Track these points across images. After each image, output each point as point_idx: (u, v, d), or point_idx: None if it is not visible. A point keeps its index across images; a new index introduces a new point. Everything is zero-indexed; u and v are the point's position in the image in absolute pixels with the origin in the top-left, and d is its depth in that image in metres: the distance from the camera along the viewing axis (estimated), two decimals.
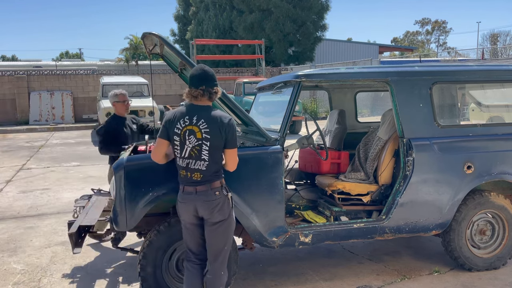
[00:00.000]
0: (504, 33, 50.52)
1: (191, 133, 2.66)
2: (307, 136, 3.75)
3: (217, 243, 2.81)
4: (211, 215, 2.74)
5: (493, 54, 22.36)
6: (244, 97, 14.28)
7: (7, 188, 7.52)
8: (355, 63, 19.38)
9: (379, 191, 3.87)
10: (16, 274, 4.02)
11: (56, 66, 28.73)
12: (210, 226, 2.77)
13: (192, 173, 2.70)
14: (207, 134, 2.66)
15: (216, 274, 2.84)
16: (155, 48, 3.81)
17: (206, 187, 2.71)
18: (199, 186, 2.71)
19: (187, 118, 2.68)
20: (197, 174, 2.70)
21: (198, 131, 2.65)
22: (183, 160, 2.71)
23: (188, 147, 2.67)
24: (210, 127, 2.66)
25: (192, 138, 2.66)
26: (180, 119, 2.69)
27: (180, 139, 2.68)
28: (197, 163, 2.68)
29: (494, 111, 6.22)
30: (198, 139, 2.66)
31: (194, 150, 2.67)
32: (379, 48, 35.28)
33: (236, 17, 25.39)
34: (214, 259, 2.84)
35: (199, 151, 2.67)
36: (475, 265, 3.84)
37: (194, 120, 2.67)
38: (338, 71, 3.74)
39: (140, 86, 15.31)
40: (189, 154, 2.68)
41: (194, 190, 2.72)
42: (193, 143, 2.66)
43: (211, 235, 2.79)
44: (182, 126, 2.67)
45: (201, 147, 2.66)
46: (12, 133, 16.47)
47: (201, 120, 2.67)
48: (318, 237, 3.51)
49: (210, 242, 2.82)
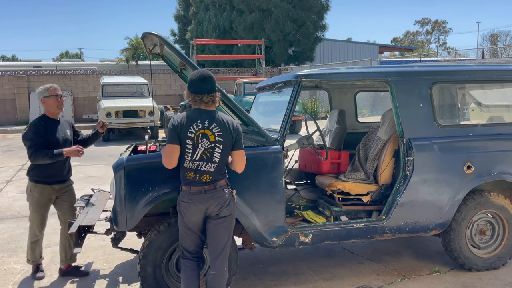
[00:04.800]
0: (504, 33, 50.57)
1: (204, 137, 2.74)
2: (307, 136, 3.75)
3: (222, 238, 2.87)
4: (220, 211, 2.81)
5: (493, 54, 22.35)
6: (244, 97, 14.27)
7: (7, 188, 7.52)
8: (355, 63, 19.38)
9: (379, 191, 3.87)
10: (16, 274, 4.02)
11: (56, 66, 28.76)
12: (215, 220, 2.83)
13: (201, 175, 2.77)
14: (220, 137, 2.75)
15: (220, 270, 2.89)
16: (155, 48, 3.82)
17: (214, 185, 2.80)
18: (207, 186, 2.79)
19: (200, 122, 2.74)
20: (207, 176, 2.78)
21: (211, 134, 2.74)
22: (193, 162, 2.76)
23: (200, 150, 2.74)
24: (223, 130, 2.76)
25: (205, 141, 2.74)
26: (192, 123, 2.74)
27: (193, 142, 2.74)
28: (208, 165, 2.76)
29: (494, 111, 6.21)
30: (211, 142, 2.75)
31: (206, 152, 2.75)
32: (379, 48, 35.28)
33: (236, 17, 25.39)
34: (218, 255, 2.89)
35: (211, 153, 2.75)
36: (475, 265, 3.84)
37: (206, 124, 2.75)
38: (338, 71, 3.73)
39: (140, 86, 15.31)
40: (200, 156, 2.75)
41: (201, 189, 2.78)
42: (206, 146, 2.74)
43: (216, 230, 2.84)
44: (196, 130, 2.73)
45: (214, 150, 2.75)
46: (12, 133, 16.48)
47: (213, 124, 2.75)
48: (318, 237, 3.51)
49: (214, 237, 2.86)
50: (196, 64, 3.31)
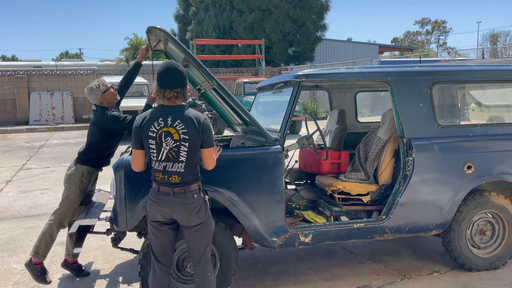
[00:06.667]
0: (504, 33, 50.49)
1: (167, 135, 2.55)
2: (307, 136, 3.74)
3: (198, 246, 2.73)
4: (189, 219, 2.64)
5: (493, 54, 22.34)
6: (244, 97, 14.27)
7: (7, 188, 7.52)
8: (355, 63, 19.37)
9: (379, 191, 3.87)
10: (16, 274, 4.02)
11: (56, 66, 28.74)
12: (189, 229, 2.69)
13: (169, 176, 2.60)
14: (185, 135, 2.56)
15: (204, 276, 2.77)
16: (159, 44, 3.78)
17: (184, 189, 2.62)
18: (177, 188, 2.61)
19: (161, 120, 2.56)
20: (175, 177, 2.60)
21: (175, 132, 2.55)
22: (159, 163, 2.60)
23: (165, 149, 2.57)
24: (188, 128, 2.57)
25: (169, 140, 2.56)
26: (153, 122, 2.57)
27: (156, 142, 2.57)
28: (175, 165, 2.59)
29: (494, 111, 6.22)
30: (175, 141, 2.56)
31: (172, 152, 2.57)
32: (379, 48, 35.27)
33: (236, 17, 25.38)
34: (197, 262, 2.77)
35: (177, 152, 2.57)
36: (475, 265, 3.84)
37: (169, 121, 2.56)
38: (338, 71, 3.74)
39: (140, 86, 15.33)
40: (166, 156, 2.58)
41: (171, 190, 2.61)
42: (170, 145, 2.56)
43: (191, 239, 2.72)
44: (157, 128, 2.56)
45: (179, 148, 2.57)
46: (12, 133, 16.48)
47: (177, 121, 2.56)
48: (318, 237, 3.51)
49: (191, 245, 2.75)
50: (200, 62, 3.28)
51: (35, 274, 3.73)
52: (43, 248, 3.74)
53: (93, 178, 3.94)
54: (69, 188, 3.80)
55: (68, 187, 3.80)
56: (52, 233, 3.74)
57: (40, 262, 3.77)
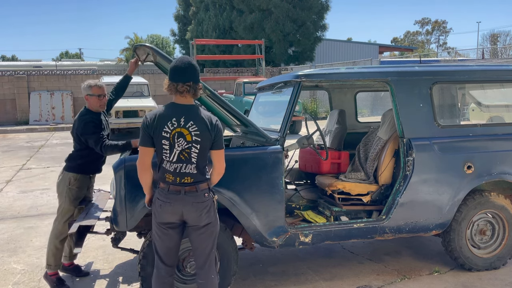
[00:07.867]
0: (504, 33, 50.52)
1: (180, 136, 2.52)
2: (307, 136, 3.75)
3: (205, 247, 2.70)
4: (199, 218, 2.61)
5: (493, 54, 22.34)
6: (244, 97, 14.27)
7: (7, 188, 7.52)
8: (355, 63, 19.37)
9: (379, 191, 3.88)
10: (16, 274, 4.02)
11: (56, 66, 28.77)
12: (197, 230, 2.65)
13: (182, 177, 2.57)
14: (197, 137, 2.53)
15: (207, 278, 2.73)
16: (148, 56, 3.86)
17: (196, 187, 2.59)
18: (188, 187, 2.58)
19: (175, 120, 2.53)
20: (188, 178, 2.57)
21: (187, 134, 2.52)
22: (171, 164, 2.56)
23: (177, 150, 2.53)
24: (200, 129, 2.54)
25: (182, 141, 2.52)
26: (167, 122, 2.53)
27: (170, 142, 2.52)
28: (188, 167, 2.56)
29: (494, 111, 6.22)
30: (188, 142, 2.53)
31: (184, 153, 2.54)
32: (379, 48, 35.26)
33: (236, 17, 25.39)
34: (203, 264, 2.72)
35: (189, 154, 2.54)
36: (475, 265, 3.84)
37: (182, 122, 2.53)
38: (338, 71, 3.74)
39: (140, 86, 15.32)
40: (178, 157, 2.54)
41: (182, 189, 2.57)
42: (182, 146, 2.53)
43: (198, 240, 2.68)
44: (171, 129, 2.52)
45: (191, 150, 2.54)
46: (12, 133, 16.48)
47: (190, 122, 2.53)
48: (318, 237, 3.51)
49: (196, 246, 2.70)
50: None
51: (52, 285, 3.74)
52: (52, 259, 3.73)
53: (85, 185, 3.79)
54: (60, 197, 3.74)
55: (59, 195, 3.75)
56: (56, 243, 3.74)
57: (55, 273, 3.77)
